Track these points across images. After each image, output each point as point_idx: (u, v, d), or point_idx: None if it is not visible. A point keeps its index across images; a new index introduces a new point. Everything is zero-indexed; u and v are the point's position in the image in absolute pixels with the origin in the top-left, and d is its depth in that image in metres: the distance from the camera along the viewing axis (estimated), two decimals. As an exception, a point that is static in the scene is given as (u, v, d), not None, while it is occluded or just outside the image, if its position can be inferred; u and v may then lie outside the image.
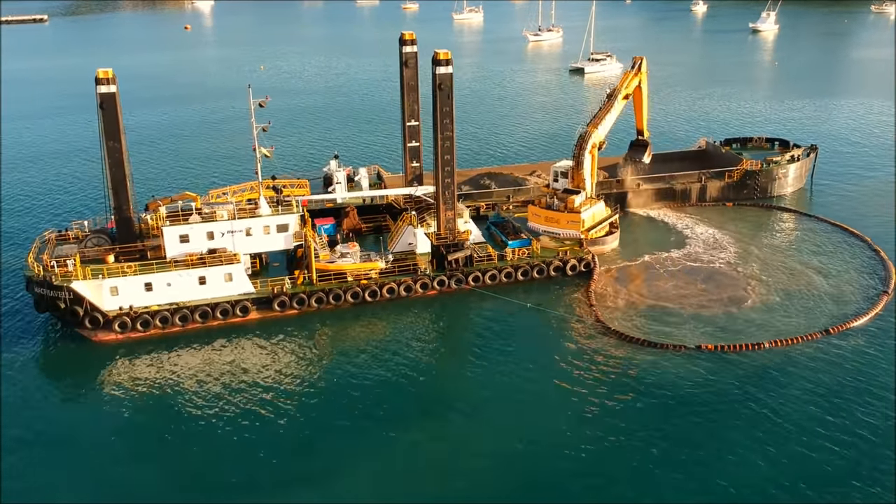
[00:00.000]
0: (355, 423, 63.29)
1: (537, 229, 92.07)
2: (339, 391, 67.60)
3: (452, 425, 62.96)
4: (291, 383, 69.11)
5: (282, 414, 64.51)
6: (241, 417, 64.08)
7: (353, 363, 72.01)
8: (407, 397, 67.10)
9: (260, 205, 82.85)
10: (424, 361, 73.42)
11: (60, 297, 76.14)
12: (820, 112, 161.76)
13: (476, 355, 73.19)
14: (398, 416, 63.99)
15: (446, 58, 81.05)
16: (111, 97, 79.75)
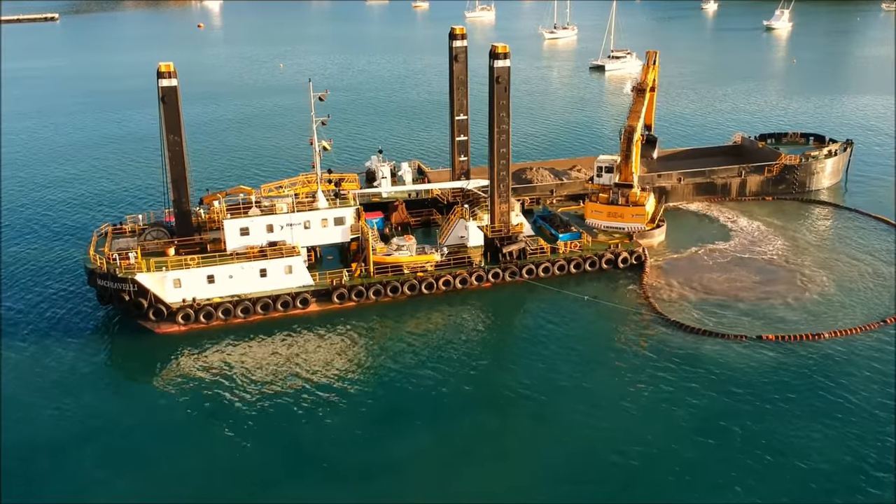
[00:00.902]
0: (420, 414, 63.90)
1: (598, 225, 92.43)
2: (401, 382, 68.19)
3: (519, 417, 63.58)
4: (353, 375, 69.71)
5: (343, 406, 65.01)
6: (302, 409, 64.53)
7: (414, 354, 72.69)
8: (471, 389, 67.77)
9: (318, 198, 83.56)
10: (487, 353, 74.27)
11: (125, 290, 76.78)
12: (845, 108, 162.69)
13: (538, 347, 73.88)
14: (463, 407, 64.67)
15: (504, 51, 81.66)
16: (172, 91, 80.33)
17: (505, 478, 56.15)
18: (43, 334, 76.85)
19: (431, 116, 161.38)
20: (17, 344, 75.15)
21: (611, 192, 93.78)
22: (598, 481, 55.56)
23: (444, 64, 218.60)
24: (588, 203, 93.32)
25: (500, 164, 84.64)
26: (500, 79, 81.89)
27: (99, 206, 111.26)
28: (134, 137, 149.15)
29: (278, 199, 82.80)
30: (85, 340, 76.75)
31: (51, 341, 75.65)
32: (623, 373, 68.83)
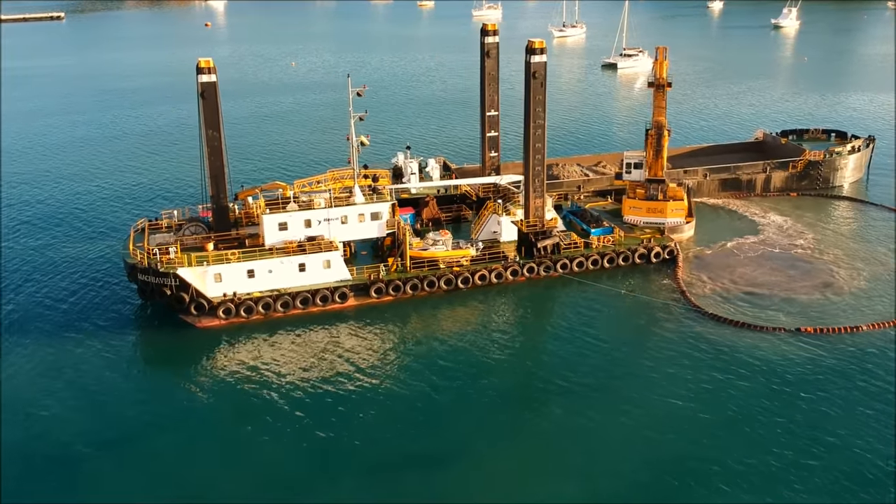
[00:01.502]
0: (466, 407, 64.46)
1: (636, 221, 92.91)
2: (442, 376, 68.65)
3: (561, 411, 63.93)
4: (393, 369, 70.21)
5: (386, 400, 65.41)
6: (343, 404, 64.84)
7: (453, 348, 73.27)
8: (513, 382, 68.66)
9: (354, 193, 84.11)
10: (527, 346, 75.00)
11: (166, 284, 77.23)
12: (860, 104, 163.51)
13: (578, 340, 74.47)
14: (506, 401, 65.34)
15: (541, 46, 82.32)
16: (212, 86, 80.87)
17: (548, 471, 56.58)
18: (84, 330, 77.22)
19: (451, 112, 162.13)
20: (58, 339, 75.65)
21: (649, 189, 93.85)
22: (644, 472, 56.11)
23: (457, 61, 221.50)
24: (626, 200, 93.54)
25: (536, 159, 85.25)
26: (536, 74, 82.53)
27: (127, 202, 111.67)
28: (158, 133, 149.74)
29: (316, 195, 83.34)
30: (127, 335, 77.21)
31: (92, 336, 76.04)
32: (664, 366, 69.39)
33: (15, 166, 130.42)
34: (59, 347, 74.14)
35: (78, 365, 71.32)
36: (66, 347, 74.16)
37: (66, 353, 73.13)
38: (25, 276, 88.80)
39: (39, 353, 73.06)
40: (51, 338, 75.94)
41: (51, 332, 76.96)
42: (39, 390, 67.59)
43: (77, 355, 72.81)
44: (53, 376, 69.60)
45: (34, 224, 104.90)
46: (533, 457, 57.98)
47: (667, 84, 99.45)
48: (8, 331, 77.06)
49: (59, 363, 71.56)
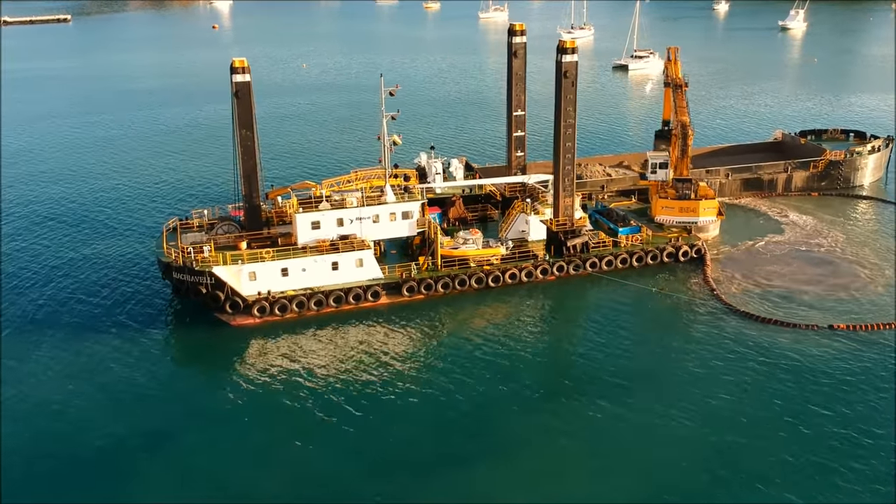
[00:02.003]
0: (500, 406, 64.82)
1: (669, 221, 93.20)
2: (476, 374, 69.05)
3: (598, 408, 64.13)
4: (428, 368, 70.61)
5: (420, 399, 65.68)
6: (378, 402, 65.17)
7: (487, 346, 73.68)
8: (550, 379, 69.22)
9: (386, 192, 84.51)
10: (562, 343, 75.61)
11: (202, 283, 77.59)
12: (872, 105, 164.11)
13: (612, 338, 74.90)
14: (540, 400, 65.70)
15: (572, 46, 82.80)
16: (246, 86, 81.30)
17: (588, 470, 57.01)
18: (118, 327, 77.63)
19: (468, 113, 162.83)
20: (92, 335, 76.01)
21: (680, 188, 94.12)
22: (689, 470, 56.52)
23: (468, 62, 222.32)
24: (658, 199, 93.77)
25: (566, 158, 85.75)
26: (567, 73, 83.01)
27: (153, 201, 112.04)
28: (180, 134, 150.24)
29: (348, 194, 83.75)
30: (161, 333, 77.65)
31: (126, 333, 76.48)
32: (701, 364, 69.84)
33: (41, 166, 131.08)
34: (94, 344, 74.59)
35: (112, 362, 71.76)
36: (100, 344, 74.59)
37: (99, 350, 73.58)
38: (56, 273, 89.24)
39: (74, 349, 73.60)
40: (84, 334, 76.39)
41: (85, 328, 77.40)
42: (74, 386, 68.07)
43: (111, 352, 73.28)
44: (88, 373, 70.15)
45: (62, 222, 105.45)
46: (571, 456, 58.26)
47: (684, 84, 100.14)
48: (41, 327, 77.50)
49: (94, 359, 72.05)
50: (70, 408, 64.99)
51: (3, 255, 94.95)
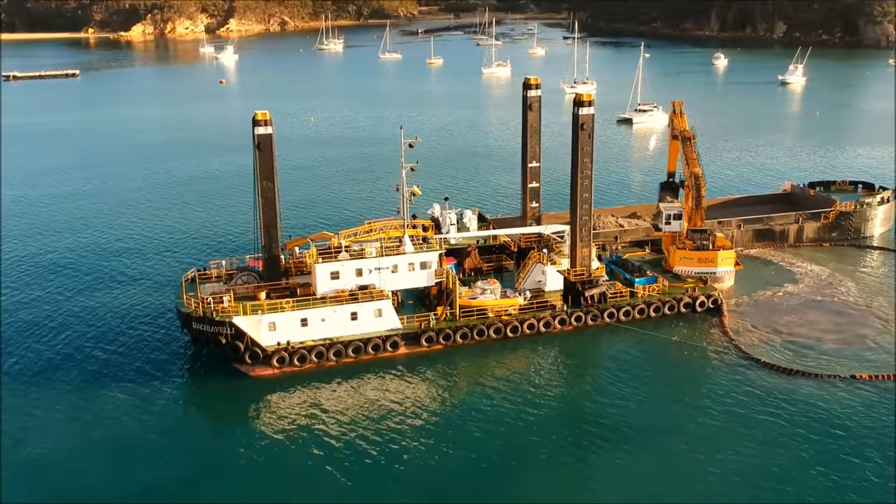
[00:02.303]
0: (516, 458, 64.74)
1: (687, 272, 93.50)
2: (496, 426, 68.87)
3: (621, 460, 64.02)
4: (445, 420, 70.39)
5: (435, 450, 65.40)
6: (398, 454, 64.93)
7: (506, 397, 73.62)
8: (571, 432, 68.78)
9: (405, 242, 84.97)
10: (581, 394, 75.32)
11: (222, 333, 77.57)
12: (881, 157, 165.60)
13: (633, 389, 74.81)
14: (561, 450, 65.57)
15: (588, 99, 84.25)
16: (267, 138, 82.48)
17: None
18: (137, 377, 77.41)
19: (478, 165, 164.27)
20: (110, 385, 75.78)
21: (698, 239, 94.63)
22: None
23: (474, 116, 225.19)
24: (676, 251, 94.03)
25: (583, 208, 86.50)
26: (584, 125, 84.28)
27: (169, 252, 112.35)
28: (194, 186, 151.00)
29: (367, 244, 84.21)
30: (181, 384, 77.46)
31: (145, 384, 76.27)
32: (724, 415, 69.68)
33: (56, 216, 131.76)
34: (111, 392, 74.55)
35: (129, 412, 71.64)
36: (118, 393, 74.51)
37: (116, 399, 73.48)
38: (74, 322, 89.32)
39: (90, 398, 73.54)
40: (102, 383, 76.31)
41: (102, 377, 77.34)
42: (93, 437, 67.83)
43: (128, 402, 73.19)
44: (105, 422, 69.97)
45: (79, 270, 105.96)
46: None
47: (692, 136, 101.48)
48: (60, 377, 77.31)
49: (111, 409, 72.00)
50: (84, 460, 64.73)
51: (20, 302, 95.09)
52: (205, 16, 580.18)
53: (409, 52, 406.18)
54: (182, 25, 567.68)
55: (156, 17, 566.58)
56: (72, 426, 69.39)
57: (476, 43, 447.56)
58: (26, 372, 78.61)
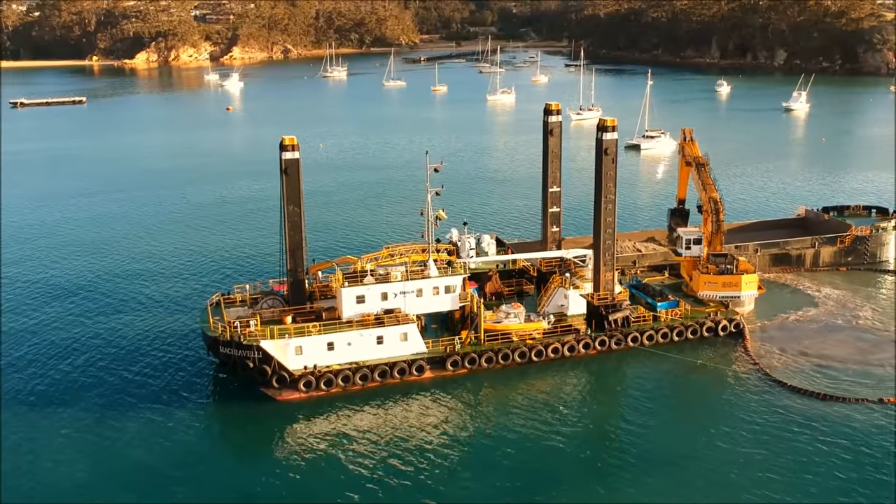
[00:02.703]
0: (545, 483, 65.09)
1: (712, 296, 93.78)
2: (525, 450, 69.21)
3: (653, 486, 64.07)
4: (472, 445, 70.48)
5: (462, 478, 65.43)
6: (427, 480, 64.93)
7: (532, 421, 73.98)
8: (594, 455, 68.91)
9: (429, 266, 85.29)
10: (608, 419, 75.60)
11: (249, 357, 77.66)
12: (885, 182, 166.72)
13: (660, 413, 75.13)
14: (588, 475, 65.81)
15: (612, 125, 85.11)
16: (294, 163, 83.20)
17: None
18: (163, 402, 77.50)
19: (491, 190, 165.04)
20: (142, 408, 75.90)
21: (721, 263, 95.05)
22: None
23: (482, 142, 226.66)
24: (700, 276, 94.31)
25: (606, 233, 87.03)
26: (607, 150, 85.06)
27: (187, 277, 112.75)
28: (212, 210, 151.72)
29: (392, 268, 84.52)
30: (208, 408, 77.65)
31: (170, 409, 76.42)
32: (754, 438, 69.91)
33: (75, 239, 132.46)
34: (137, 416, 74.74)
35: (156, 436, 71.79)
36: (144, 417, 74.65)
37: (142, 423, 73.66)
38: (97, 345, 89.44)
39: (116, 423, 73.57)
40: (128, 406, 76.36)
41: (128, 402, 77.37)
42: (124, 461, 67.98)
43: (154, 426, 73.31)
44: (131, 446, 70.04)
45: (100, 293, 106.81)
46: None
47: (705, 162, 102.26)
48: (85, 399, 77.54)
49: (137, 433, 72.06)
50: (111, 483, 65.06)
51: (43, 324, 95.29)
52: (208, 44, 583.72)
53: (412, 79, 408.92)
54: (186, 53, 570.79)
55: (160, 45, 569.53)
56: (97, 448, 69.55)
57: (479, 70, 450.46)
58: (50, 393, 78.96)
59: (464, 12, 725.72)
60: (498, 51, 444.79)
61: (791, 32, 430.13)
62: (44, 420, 74.18)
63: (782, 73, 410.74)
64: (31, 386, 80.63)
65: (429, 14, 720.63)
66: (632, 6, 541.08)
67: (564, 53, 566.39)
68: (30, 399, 78.10)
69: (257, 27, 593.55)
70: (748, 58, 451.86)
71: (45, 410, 75.88)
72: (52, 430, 72.52)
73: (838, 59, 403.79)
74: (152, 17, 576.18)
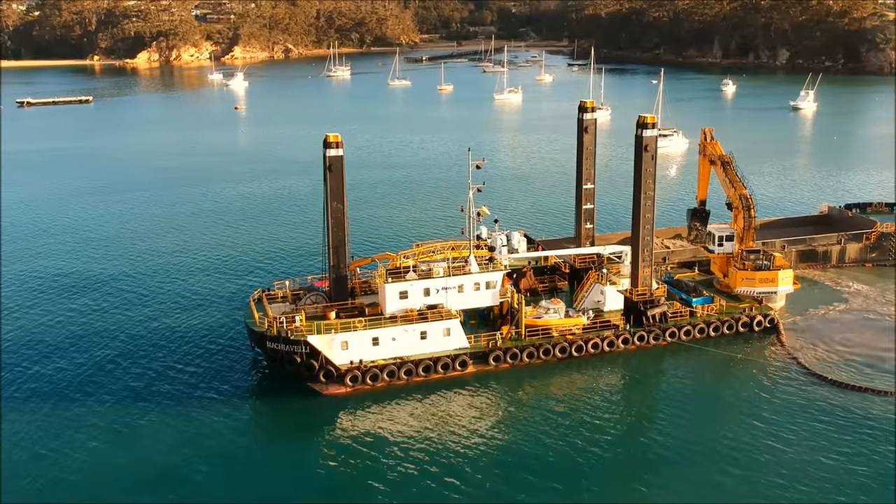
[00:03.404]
0: (590, 478, 65.79)
1: (749, 292, 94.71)
2: (565, 444, 70.10)
3: (697, 480, 65.01)
4: (516, 439, 71.26)
5: (508, 474, 66.01)
6: (468, 474, 65.81)
7: (578, 416, 75.02)
8: (643, 451, 69.67)
9: (470, 262, 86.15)
10: (651, 413, 76.78)
11: (297, 352, 78.46)
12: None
13: (704, 406, 76.38)
14: (635, 470, 66.83)
15: (652, 121, 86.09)
16: (339, 160, 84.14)
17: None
18: (210, 397, 78.35)
19: (513, 188, 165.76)
20: (185, 405, 76.70)
21: (758, 259, 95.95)
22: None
23: (494, 140, 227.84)
24: (737, 272, 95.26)
25: (645, 229, 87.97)
26: (647, 147, 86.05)
27: (225, 273, 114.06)
28: (243, 207, 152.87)
29: (434, 264, 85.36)
30: (254, 403, 78.67)
31: (219, 404, 77.29)
32: (798, 433, 71.04)
33: (97, 233, 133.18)
34: (188, 414, 75.40)
35: (208, 432, 72.47)
36: (194, 414, 75.37)
37: (195, 421, 74.33)
38: (141, 345, 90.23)
39: (171, 420, 74.29)
40: (178, 404, 77.08)
41: (178, 398, 78.06)
42: (177, 456, 68.75)
43: (205, 423, 74.13)
44: (187, 443, 70.80)
45: (134, 292, 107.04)
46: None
47: (730, 160, 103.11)
48: (136, 400, 78.09)
49: (189, 430, 72.79)
50: (170, 477, 65.97)
51: (91, 329, 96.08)
52: (209, 43, 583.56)
53: (416, 78, 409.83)
54: (187, 53, 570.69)
55: (161, 45, 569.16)
56: (151, 445, 70.49)
57: (483, 70, 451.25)
58: (109, 394, 79.79)
59: (463, 12, 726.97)
60: (504, 50, 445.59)
61: (793, 32, 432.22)
62: (95, 418, 75.25)
63: (785, 72, 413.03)
64: (81, 388, 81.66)
65: (428, 14, 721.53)
66: (633, 6, 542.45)
67: (565, 53, 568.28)
68: (77, 396, 79.16)
69: (258, 27, 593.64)
70: (750, 57, 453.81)
71: (99, 410, 76.96)
72: (100, 423, 73.57)
73: (841, 59, 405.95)
74: (153, 17, 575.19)
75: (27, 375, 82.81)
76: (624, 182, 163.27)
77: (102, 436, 71.62)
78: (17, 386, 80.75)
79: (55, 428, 72.87)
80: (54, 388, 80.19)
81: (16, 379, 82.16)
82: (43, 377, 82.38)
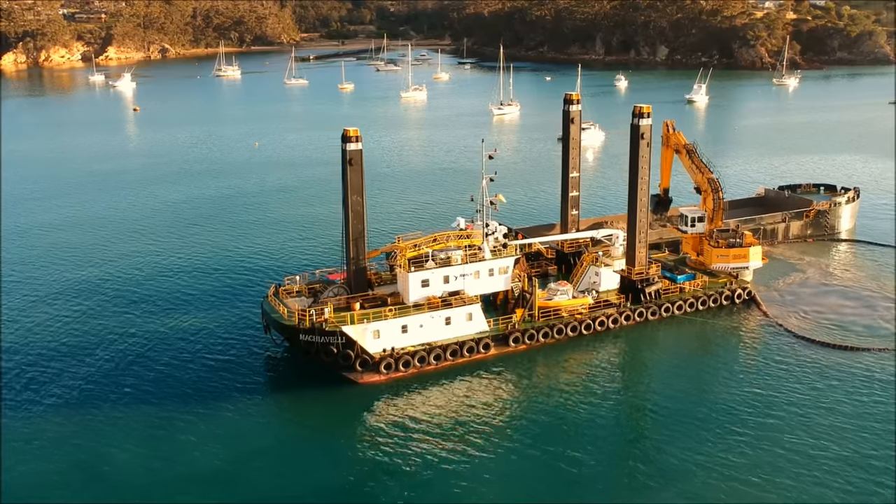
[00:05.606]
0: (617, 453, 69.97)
1: (724, 268, 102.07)
2: (591, 420, 74.38)
3: (716, 448, 69.60)
4: (548, 418, 74.75)
5: (542, 451, 69.30)
6: (509, 452, 69.17)
7: (598, 389, 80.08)
8: (666, 421, 74.50)
9: (484, 249, 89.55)
10: (666, 382, 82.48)
11: (333, 343, 79.73)
12: (816, 163, 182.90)
13: (714, 373, 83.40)
14: (660, 439, 71.51)
15: (647, 111, 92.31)
16: (358, 154, 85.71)
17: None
18: (246, 390, 78.96)
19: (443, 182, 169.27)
20: (223, 400, 76.97)
21: (731, 237, 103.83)
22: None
23: (424, 137, 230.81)
24: (713, 249, 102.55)
25: (641, 212, 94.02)
26: (643, 135, 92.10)
27: (224, 270, 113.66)
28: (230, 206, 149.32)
29: (452, 251, 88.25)
30: (293, 397, 79.96)
31: (256, 396, 78.08)
32: (801, 392, 78.50)
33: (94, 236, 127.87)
34: (227, 408, 75.89)
35: (250, 426, 73.37)
36: (234, 408, 76.04)
37: (235, 415, 75.07)
38: (161, 343, 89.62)
39: (208, 415, 74.79)
40: (216, 399, 77.41)
41: (215, 393, 78.37)
42: (214, 448, 69.61)
43: (245, 416, 74.91)
44: (226, 437, 71.40)
45: (149, 294, 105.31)
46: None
47: (693, 149, 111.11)
48: (170, 395, 77.81)
49: (231, 424, 73.52)
50: (205, 473, 66.66)
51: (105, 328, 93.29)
52: (81, 44, 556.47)
53: (312, 77, 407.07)
54: (57, 54, 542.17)
55: (28, 46, 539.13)
56: (188, 438, 70.53)
57: (375, 69, 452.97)
58: (129, 390, 78.80)
59: (341, 11, 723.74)
60: (384, 48, 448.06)
61: (671, 29, 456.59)
62: (132, 416, 74.34)
63: (665, 67, 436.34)
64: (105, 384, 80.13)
65: (306, 12, 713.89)
66: (515, 4, 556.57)
67: (448, 52, 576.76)
68: (102, 393, 77.82)
69: (132, 26, 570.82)
70: (632, 54, 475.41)
71: (128, 408, 75.89)
72: (138, 422, 73.16)
73: (716, 55, 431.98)
74: (17, 16, 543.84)
75: (43, 377, 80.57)
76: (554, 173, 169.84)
77: (141, 435, 71.37)
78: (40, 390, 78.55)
79: (91, 432, 71.90)
80: (73, 390, 78.53)
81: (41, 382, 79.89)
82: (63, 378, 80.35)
